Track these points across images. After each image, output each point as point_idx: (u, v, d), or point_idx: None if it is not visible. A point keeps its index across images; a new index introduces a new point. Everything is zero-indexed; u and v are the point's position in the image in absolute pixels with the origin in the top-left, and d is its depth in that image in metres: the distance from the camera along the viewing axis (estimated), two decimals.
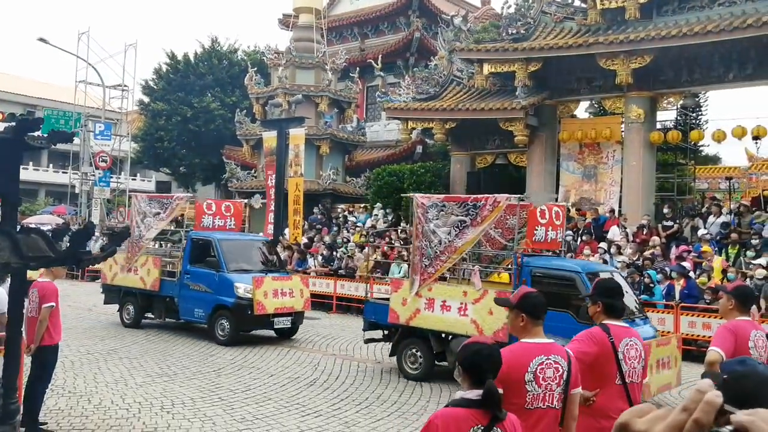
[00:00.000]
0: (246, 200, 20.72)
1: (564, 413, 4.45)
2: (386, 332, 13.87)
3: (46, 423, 9.03)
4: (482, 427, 3.62)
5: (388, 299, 13.75)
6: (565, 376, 4.40)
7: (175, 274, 17.12)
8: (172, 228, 18.80)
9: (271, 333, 16.63)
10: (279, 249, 25.37)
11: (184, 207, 18.06)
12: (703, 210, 21.13)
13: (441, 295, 12.54)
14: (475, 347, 3.77)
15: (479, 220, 12.11)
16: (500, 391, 3.75)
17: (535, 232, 12.49)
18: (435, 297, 12.56)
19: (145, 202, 18.12)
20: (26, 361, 8.63)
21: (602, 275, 11.82)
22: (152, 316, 17.98)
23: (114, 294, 18.71)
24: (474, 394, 3.65)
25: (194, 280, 16.51)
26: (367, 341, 14.11)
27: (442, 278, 13.44)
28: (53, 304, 8.74)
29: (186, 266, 16.81)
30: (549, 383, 4.35)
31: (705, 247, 18.25)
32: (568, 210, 23.16)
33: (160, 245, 19.43)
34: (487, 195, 12.37)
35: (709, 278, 16.79)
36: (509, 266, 13.59)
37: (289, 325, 16.53)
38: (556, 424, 4.41)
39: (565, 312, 10.83)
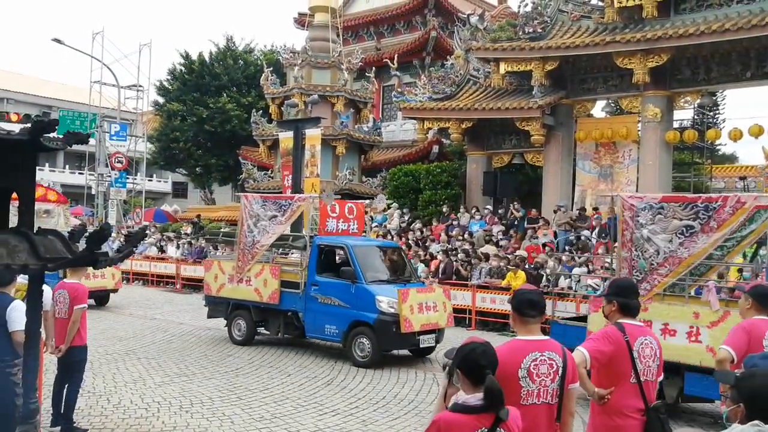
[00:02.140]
0: (368, 201, 19.06)
1: (561, 409, 4.50)
2: None
3: (85, 428, 9.15)
4: (486, 430, 3.64)
5: (579, 319, 12.23)
6: (560, 372, 4.45)
7: (298, 286, 14.98)
8: (294, 233, 16.67)
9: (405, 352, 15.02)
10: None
11: (307, 209, 15.75)
12: None
13: (661, 317, 10.40)
14: (469, 347, 3.82)
15: (714, 225, 9.97)
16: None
17: None
18: (652, 319, 10.32)
19: (258, 203, 15.97)
20: (46, 361, 8.72)
21: None
22: (267, 332, 16.13)
23: (220, 307, 16.55)
24: (475, 399, 3.67)
25: (324, 292, 14.51)
26: None
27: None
28: (85, 305, 8.87)
29: (313, 276, 14.76)
30: (543, 379, 4.40)
31: None
32: (584, 209, 23.15)
33: (272, 251, 16.97)
34: (725, 194, 10.32)
35: (721, 277, 16.63)
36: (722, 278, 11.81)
37: (434, 344, 14.54)
38: (552, 420, 4.46)
39: None
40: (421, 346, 14.16)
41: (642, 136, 23.40)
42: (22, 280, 8.56)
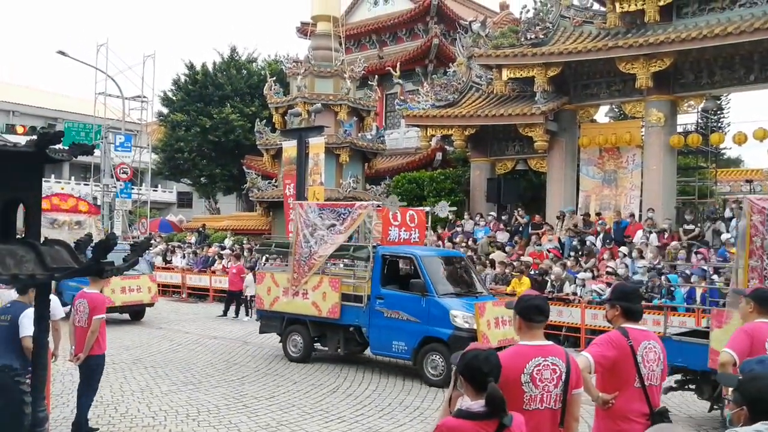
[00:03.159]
0: (429, 208, 17.92)
1: (564, 414, 4.50)
2: (697, 378, 10.56)
3: (98, 429, 9.32)
4: None
5: (694, 334, 11.00)
6: (563, 377, 4.46)
7: (360, 299, 14.09)
8: (355, 243, 15.31)
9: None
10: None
11: (371, 217, 14.62)
12: (726, 214, 20.96)
13: None
14: (472, 353, 3.84)
15: None
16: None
17: None
18: None
19: (315, 212, 15.02)
20: (56, 369, 8.76)
21: None
22: (324, 348, 15.17)
23: (274, 322, 15.71)
24: (478, 405, 3.68)
25: (391, 306, 13.58)
26: (667, 390, 10.21)
27: None
28: (104, 315, 8.98)
29: (378, 289, 13.83)
30: (546, 384, 4.41)
31: (734, 249, 18.00)
32: (588, 215, 23.16)
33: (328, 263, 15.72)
34: None
35: (728, 282, 16.59)
36: None
37: None
38: (556, 425, 4.47)
39: None
40: None
41: (646, 141, 23.43)
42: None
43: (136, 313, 20.97)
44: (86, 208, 22.99)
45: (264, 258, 20.07)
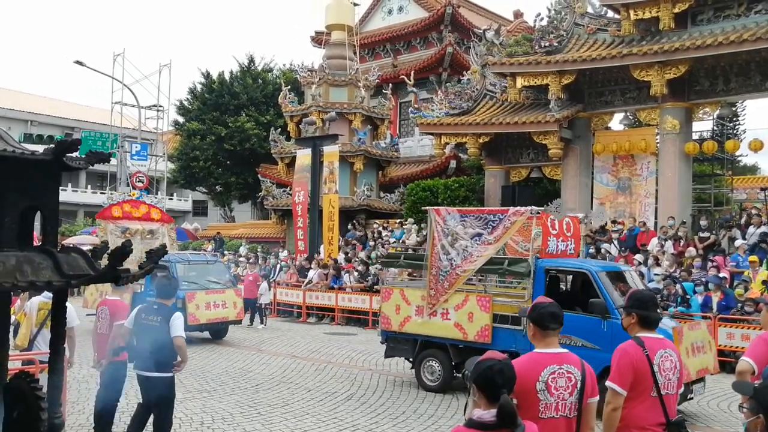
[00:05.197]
0: (582, 215, 16.19)
1: (579, 423, 4.47)
2: None
3: None
4: None
5: None
6: (578, 385, 4.44)
7: (518, 321, 11.95)
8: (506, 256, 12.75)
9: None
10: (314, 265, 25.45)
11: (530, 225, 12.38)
12: (742, 221, 20.85)
13: None
14: (487, 363, 3.77)
15: None
16: (514, 401, 3.76)
17: None
18: None
19: (455, 218, 12.93)
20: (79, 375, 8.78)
21: None
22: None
23: (404, 345, 13.63)
24: (490, 415, 3.62)
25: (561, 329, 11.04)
26: None
27: None
28: (124, 321, 9.01)
29: None
30: (561, 393, 4.38)
31: (752, 257, 17.96)
32: (606, 222, 23.07)
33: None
34: None
35: (746, 289, 16.54)
36: None
37: (702, 392, 11.61)
38: None
39: None
40: (690, 397, 10.99)
41: (661, 148, 23.33)
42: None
43: (217, 331, 19.12)
44: (159, 216, 21.67)
45: (277, 266, 19.96)
